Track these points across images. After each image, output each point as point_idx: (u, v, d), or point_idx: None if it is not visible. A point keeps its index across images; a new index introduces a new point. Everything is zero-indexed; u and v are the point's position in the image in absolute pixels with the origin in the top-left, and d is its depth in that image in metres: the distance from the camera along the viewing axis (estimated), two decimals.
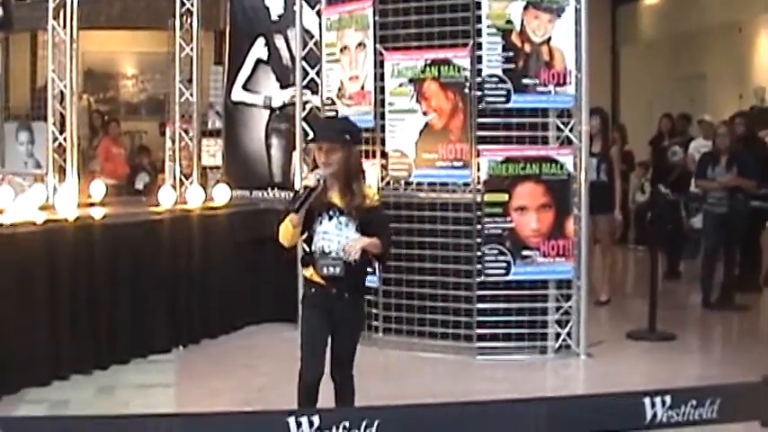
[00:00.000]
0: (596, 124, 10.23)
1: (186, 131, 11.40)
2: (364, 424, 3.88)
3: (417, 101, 8.67)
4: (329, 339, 5.47)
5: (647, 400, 4.09)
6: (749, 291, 11.48)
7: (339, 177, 5.33)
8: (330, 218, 5.34)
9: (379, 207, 5.65)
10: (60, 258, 7.64)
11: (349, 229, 5.32)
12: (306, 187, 5.28)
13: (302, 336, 5.57)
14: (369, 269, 5.82)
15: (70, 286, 7.69)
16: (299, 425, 3.83)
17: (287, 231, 5.36)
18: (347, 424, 3.90)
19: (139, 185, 14.93)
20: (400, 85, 8.73)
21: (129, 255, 8.35)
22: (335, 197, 5.36)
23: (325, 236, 5.34)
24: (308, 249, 5.53)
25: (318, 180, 5.22)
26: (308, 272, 5.48)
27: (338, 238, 5.31)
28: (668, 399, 4.08)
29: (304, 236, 5.49)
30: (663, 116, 16.01)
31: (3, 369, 7.07)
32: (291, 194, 5.87)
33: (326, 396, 5.58)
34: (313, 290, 5.49)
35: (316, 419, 3.86)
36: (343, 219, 5.33)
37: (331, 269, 5.33)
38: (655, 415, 4.11)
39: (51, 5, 10.16)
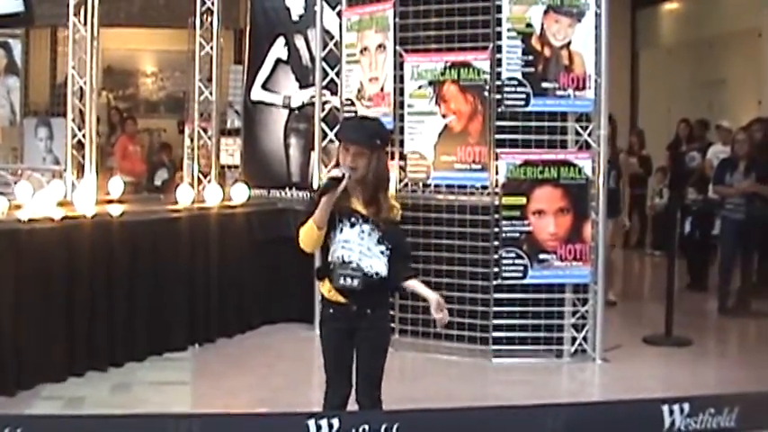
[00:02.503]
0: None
1: (205, 130, 11.43)
2: (384, 427, 3.85)
3: (437, 103, 8.67)
4: (353, 358, 5.10)
5: (665, 408, 4.08)
6: (766, 297, 11.42)
7: (364, 184, 4.94)
8: (352, 225, 4.96)
9: (398, 222, 5.18)
10: (78, 255, 7.66)
11: (371, 239, 4.95)
12: (331, 179, 4.89)
13: (324, 359, 5.18)
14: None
15: (87, 283, 7.72)
16: (318, 427, 3.80)
17: (311, 234, 4.94)
18: (367, 427, 3.84)
19: (158, 182, 14.96)
20: (420, 87, 8.73)
21: (147, 252, 8.37)
22: (358, 204, 4.97)
23: (346, 245, 4.95)
24: (323, 260, 5.16)
25: (344, 174, 4.85)
26: (325, 287, 5.11)
27: (360, 247, 4.94)
28: (686, 406, 4.08)
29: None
30: (680, 121, 15.99)
31: (19, 365, 7.11)
32: (310, 194, 5.47)
33: None
34: (331, 310, 5.11)
35: (335, 422, 3.83)
36: (366, 227, 4.96)
37: (348, 280, 4.94)
38: (673, 423, 4.10)
39: (72, 2, 10.19)
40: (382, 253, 4.99)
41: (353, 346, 5.08)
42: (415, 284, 5.12)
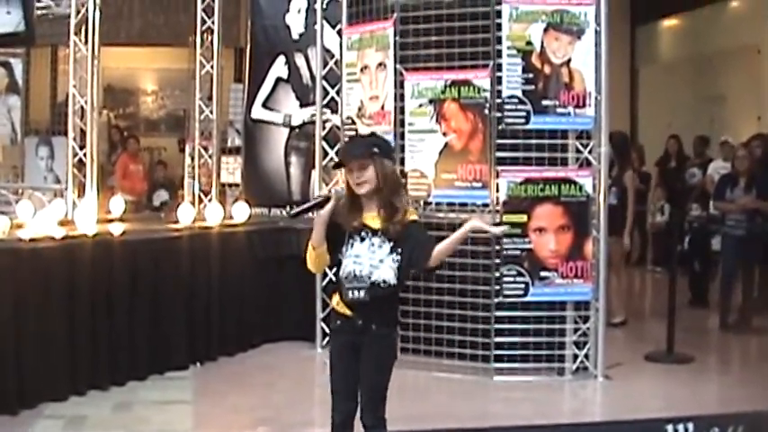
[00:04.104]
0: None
1: (206, 148, 11.45)
2: None
3: (437, 121, 8.67)
4: (358, 377, 5.06)
5: (669, 427, 4.09)
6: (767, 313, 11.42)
7: (376, 195, 4.95)
8: (362, 239, 4.97)
9: (415, 222, 5.05)
10: (79, 274, 7.66)
11: (383, 251, 4.93)
12: (319, 196, 5.02)
13: (330, 374, 5.17)
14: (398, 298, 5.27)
15: (89, 302, 7.71)
16: None
17: (311, 255, 5.03)
18: None
19: (157, 203, 14.96)
20: (420, 106, 8.74)
21: (148, 271, 8.37)
22: (370, 218, 4.98)
23: (357, 259, 4.96)
24: (335, 276, 5.19)
25: (335, 195, 4.93)
26: (335, 300, 5.15)
27: (370, 261, 4.93)
28: (690, 426, 4.09)
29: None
30: (670, 137, 16.02)
31: (21, 384, 7.10)
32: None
33: None
34: (338, 322, 5.15)
35: None
36: (376, 240, 4.94)
37: (356, 293, 4.94)
38: None
39: (73, 21, 10.22)
40: (394, 261, 4.96)
41: (358, 361, 5.05)
42: (440, 247, 4.91)
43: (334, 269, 5.26)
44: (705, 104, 17.72)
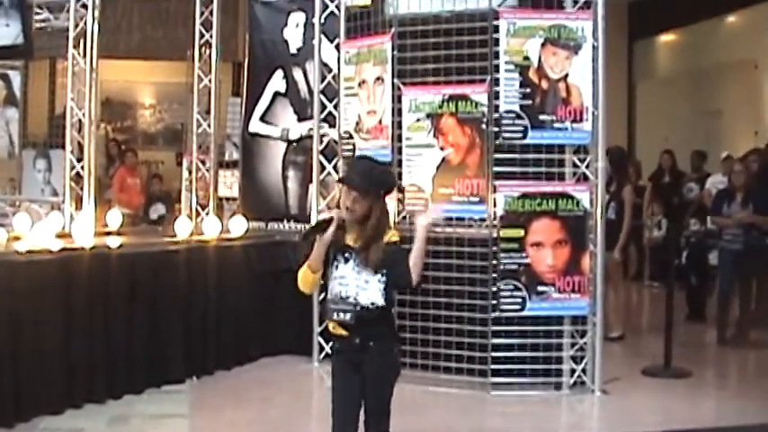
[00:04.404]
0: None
1: (203, 162, 11.46)
2: None
3: (435, 136, 8.68)
4: (361, 398, 5.06)
5: None
6: (764, 327, 11.40)
7: (359, 227, 4.96)
8: (346, 260, 4.97)
9: (395, 243, 5.02)
10: (76, 287, 7.65)
11: (368, 272, 4.92)
12: (321, 221, 4.98)
13: (332, 397, 5.15)
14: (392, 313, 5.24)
15: (85, 315, 7.70)
16: None
17: (307, 277, 5.03)
18: None
19: (153, 216, 14.95)
20: (418, 120, 8.74)
21: (145, 285, 8.36)
22: (352, 240, 4.99)
23: (342, 280, 4.97)
24: (323, 296, 5.17)
25: (332, 217, 4.91)
26: (330, 324, 5.13)
27: (356, 281, 4.94)
28: None
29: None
30: (663, 152, 16.03)
31: (17, 396, 7.08)
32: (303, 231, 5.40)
33: None
34: (337, 344, 5.15)
35: None
36: (360, 260, 4.95)
37: (342, 315, 4.96)
38: None
39: (72, 34, 10.24)
40: (380, 282, 4.96)
41: (360, 380, 5.04)
42: (410, 261, 4.93)
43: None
44: (702, 119, 17.76)
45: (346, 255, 4.98)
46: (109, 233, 9.83)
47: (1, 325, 6.96)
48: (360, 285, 4.94)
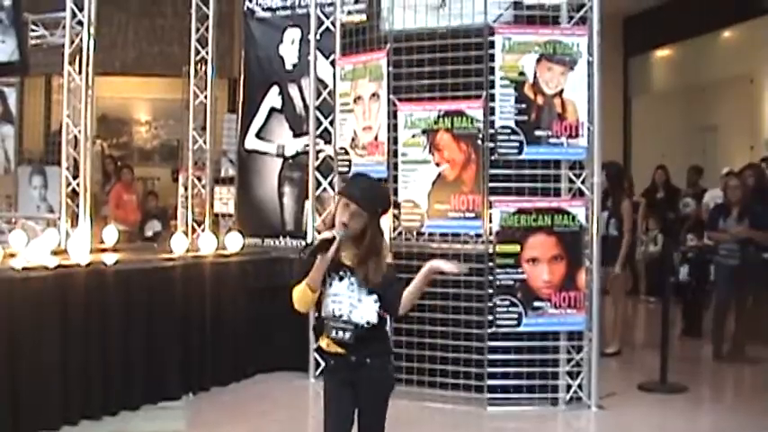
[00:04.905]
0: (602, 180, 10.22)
1: (199, 179, 11.46)
2: None
3: (430, 151, 8.69)
4: (354, 414, 5.00)
5: None
6: (760, 343, 11.39)
7: (355, 245, 4.89)
8: (341, 278, 4.91)
9: (390, 266, 4.97)
10: (72, 303, 7.66)
11: (362, 291, 4.88)
12: (323, 240, 4.83)
13: (325, 415, 5.05)
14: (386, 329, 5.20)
15: (82, 332, 7.71)
16: None
17: (305, 296, 4.88)
18: None
19: (149, 233, 14.93)
20: (413, 136, 8.76)
21: (141, 301, 8.36)
22: (347, 258, 4.91)
23: (336, 298, 4.91)
24: (317, 315, 5.06)
25: (334, 237, 4.77)
26: (324, 341, 5.04)
27: (350, 299, 4.89)
28: None
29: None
30: (657, 168, 16.00)
31: (13, 413, 7.09)
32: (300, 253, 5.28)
33: None
34: (332, 362, 5.06)
35: None
36: (354, 279, 4.88)
37: (341, 333, 4.90)
38: None
39: (67, 51, 10.24)
40: (375, 302, 4.91)
41: (354, 398, 4.99)
42: (406, 294, 4.89)
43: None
44: (698, 134, 17.79)
45: (341, 273, 4.92)
46: (105, 250, 9.81)
47: None
48: (353, 304, 4.89)
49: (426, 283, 4.86)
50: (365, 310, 4.91)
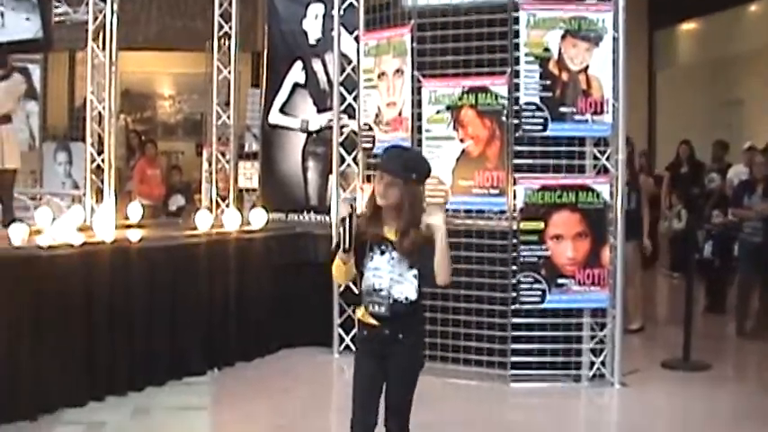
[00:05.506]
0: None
1: (223, 154, 11.48)
2: None
3: (454, 128, 8.69)
4: (383, 387, 5.04)
5: None
6: None
7: (395, 214, 4.91)
8: (382, 252, 4.94)
9: (431, 240, 4.89)
10: (97, 280, 7.71)
11: (402, 266, 4.91)
12: (342, 220, 4.90)
13: (354, 384, 5.11)
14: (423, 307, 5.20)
15: (107, 308, 7.75)
16: None
17: (339, 269, 4.96)
18: None
19: (173, 207, 14.97)
20: (438, 112, 8.75)
21: (166, 277, 8.41)
22: (389, 232, 4.94)
23: (377, 272, 4.94)
24: (357, 287, 5.10)
25: (350, 206, 4.85)
26: (360, 312, 5.10)
27: (390, 274, 4.92)
28: None
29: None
30: (681, 142, 15.88)
31: (40, 389, 7.13)
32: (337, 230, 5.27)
33: None
34: (365, 332, 5.10)
35: None
36: (395, 254, 4.91)
37: (377, 307, 4.93)
38: None
39: (91, 28, 10.26)
40: (415, 276, 4.95)
41: (384, 372, 5.03)
42: (435, 260, 4.87)
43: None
44: (723, 109, 17.67)
45: (382, 247, 4.94)
46: (130, 226, 9.86)
47: (24, 319, 7.01)
48: (394, 278, 4.93)
49: (444, 243, 4.86)
50: (405, 285, 4.94)
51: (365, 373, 5.09)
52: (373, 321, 5.02)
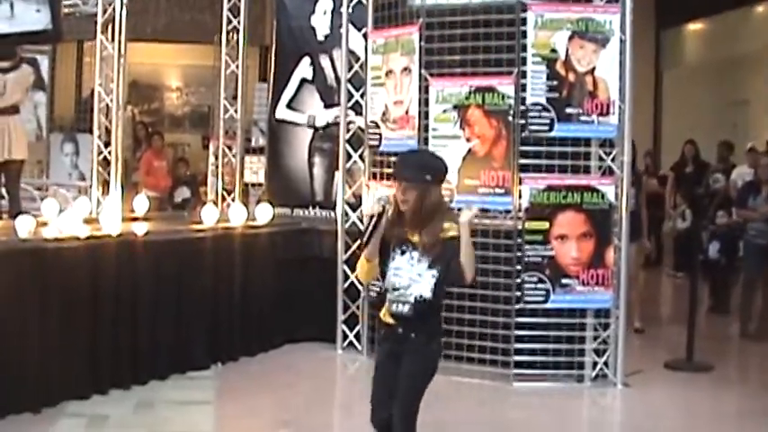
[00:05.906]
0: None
1: (230, 147, 11.50)
2: None
3: (461, 127, 8.69)
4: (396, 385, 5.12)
5: None
6: None
7: (417, 216, 5.00)
8: (403, 252, 5.05)
9: (453, 239, 4.97)
10: (103, 274, 7.72)
11: (422, 265, 5.00)
12: (371, 216, 5.05)
13: (373, 379, 5.27)
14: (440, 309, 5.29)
15: (111, 302, 7.77)
16: None
17: (363, 266, 5.13)
18: None
19: (179, 199, 14.99)
20: (444, 111, 8.76)
21: (171, 271, 8.42)
22: (411, 233, 5.05)
23: (397, 272, 5.05)
24: (380, 287, 5.21)
25: (383, 206, 4.95)
26: (382, 312, 5.23)
27: (409, 274, 5.02)
28: None
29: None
30: (686, 142, 15.88)
31: (43, 382, 7.16)
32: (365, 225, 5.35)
33: None
34: (382, 332, 5.27)
35: None
36: (415, 254, 5.01)
37: (399, 306, 5.05)
38: None
39: (100, 20, 10.28)
40: (433, 276, 5.01)
41: (398, 370, 5.10)
42: (461, 256, 4.95)
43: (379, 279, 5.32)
44: (729, 109, 17.69)
45: (404, 247, 5.05)
46: (136, 219, 9.87)
47: (29, 311, 7.03)
48: (412, 278, 5.01)
49: (468, 238, 4.94)
50: (422, 285, 5.02)
51: (381, 372, 5.22)
52: (390, 320, 5.14)
